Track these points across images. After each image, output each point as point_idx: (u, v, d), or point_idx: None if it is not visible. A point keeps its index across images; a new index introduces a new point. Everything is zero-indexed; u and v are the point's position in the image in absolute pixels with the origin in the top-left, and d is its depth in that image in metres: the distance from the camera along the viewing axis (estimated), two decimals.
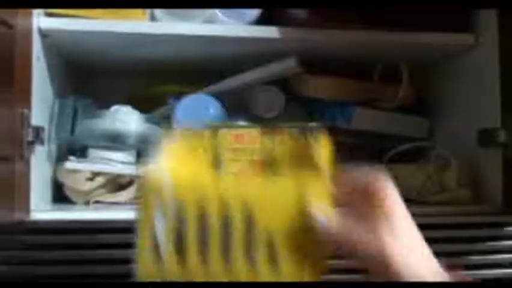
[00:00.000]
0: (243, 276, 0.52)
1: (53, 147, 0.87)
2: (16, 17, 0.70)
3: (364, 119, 1.01)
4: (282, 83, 1.02)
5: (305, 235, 0.51)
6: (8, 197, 0.67)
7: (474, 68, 0.93)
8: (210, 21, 0.85)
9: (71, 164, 0.86)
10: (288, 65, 0.94)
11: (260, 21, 0.87)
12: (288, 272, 0.52)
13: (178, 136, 0.57)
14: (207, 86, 0.99)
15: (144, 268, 0.53)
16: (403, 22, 0.88)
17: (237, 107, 0.95)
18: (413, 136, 1.04)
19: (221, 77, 0.99)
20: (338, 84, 1.00)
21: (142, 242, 0.52)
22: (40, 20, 0.80)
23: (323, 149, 0.54)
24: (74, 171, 0.86)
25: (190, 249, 0.52)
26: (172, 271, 0.52)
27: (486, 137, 0.89)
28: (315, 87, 1.00)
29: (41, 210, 0.76)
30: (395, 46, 0.92)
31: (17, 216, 0.71)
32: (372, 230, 0.50)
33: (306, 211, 0.51)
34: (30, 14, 0.77)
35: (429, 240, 0.51)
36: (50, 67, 0.87)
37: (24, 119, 0.72)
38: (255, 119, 0.94)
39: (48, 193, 0.85)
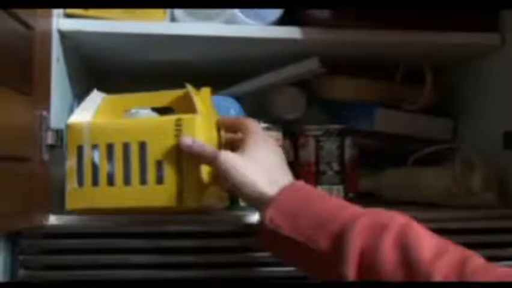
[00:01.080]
0: (138, 191, 0.70)
1: None
2: (36, 18, 0.69)
3: (387, 121, 0.99)
4: (303, 84, 1.01)
5: (181, 154, 0.69)
6: (27, 199, 0.67)
7: (500, 69, 0.92)
8: (231, 21, 0.84)
9: None
10: (311, 66, 0.93)
11: (281, 21, 0.86)
12: (171, 182, 0.69)
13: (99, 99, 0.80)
14: (227, 87, 0.98)
15: (71, 196, 0.73)
16: (427, 22, 0.87)
17: (258, 109, 0.94)
18: (437, 138, 1.03)
19: (242, 78, 0.98)
20: (360, 85, 1.00)
21: (70, 173, 0.73)
22: (60, 21, 0.80)
23: (199, 95, 0.74)
24: None
25: (102, 175, 0.71)
26: (92, 194, 0.72)
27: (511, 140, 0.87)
28: (337, 88, 0.99)
29: (60, 213, 0.75)
30: (418, 46, 0.91)
31: (36, 219, 0.70)
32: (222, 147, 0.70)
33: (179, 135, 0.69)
34: (50, 15, 0.77)
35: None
36: (70, 68, 0.86)
37: (44, 121, 0.71)
38: (276, 121, 0.92)
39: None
